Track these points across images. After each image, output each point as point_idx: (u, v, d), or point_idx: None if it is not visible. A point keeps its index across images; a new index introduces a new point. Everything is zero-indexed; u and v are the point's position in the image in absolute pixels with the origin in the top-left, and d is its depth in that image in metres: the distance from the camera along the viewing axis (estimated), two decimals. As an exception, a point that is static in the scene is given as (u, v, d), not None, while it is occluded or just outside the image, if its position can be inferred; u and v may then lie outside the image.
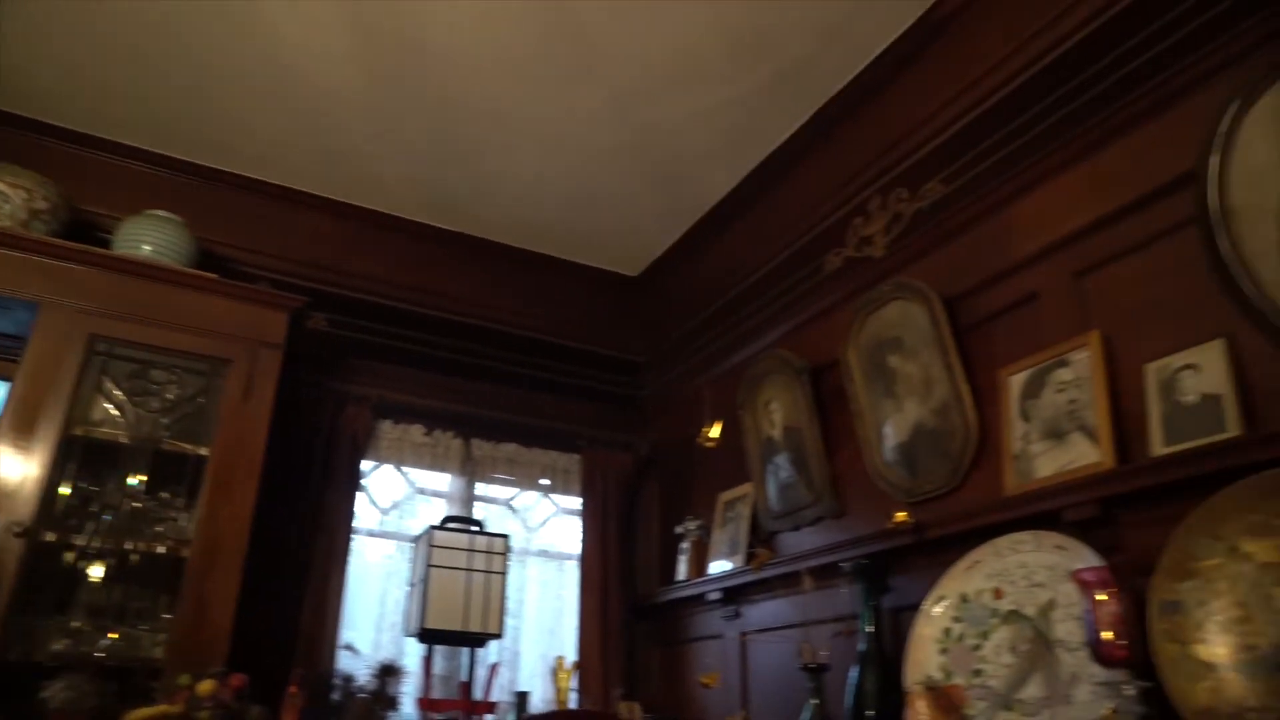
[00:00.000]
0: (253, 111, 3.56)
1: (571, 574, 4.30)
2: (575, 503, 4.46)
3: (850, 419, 3.16)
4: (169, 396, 3.27)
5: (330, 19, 3.06)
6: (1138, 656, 1.83)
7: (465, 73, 3.32)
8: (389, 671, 3.42)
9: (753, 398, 3.67)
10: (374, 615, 3.83)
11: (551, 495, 4.48)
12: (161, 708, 2.41)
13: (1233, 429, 1.99)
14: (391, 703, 3.34)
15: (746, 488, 3.67)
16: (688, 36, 3.12)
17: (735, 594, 3.54)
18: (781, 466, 3.48)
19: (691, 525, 3.89)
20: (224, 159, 3.90)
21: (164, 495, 3.14)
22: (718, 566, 3.72)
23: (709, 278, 4.29)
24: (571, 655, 3.96)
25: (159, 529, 3.09)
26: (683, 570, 3.89)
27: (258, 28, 3.12)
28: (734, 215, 4.05)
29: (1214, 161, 2.11)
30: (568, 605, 4.25)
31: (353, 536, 3.83)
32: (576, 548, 4.34)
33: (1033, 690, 2.15)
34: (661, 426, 4.58)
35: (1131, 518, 2.18)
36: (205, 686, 2.40)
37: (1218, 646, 1.79)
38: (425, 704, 3.35)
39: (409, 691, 3.54)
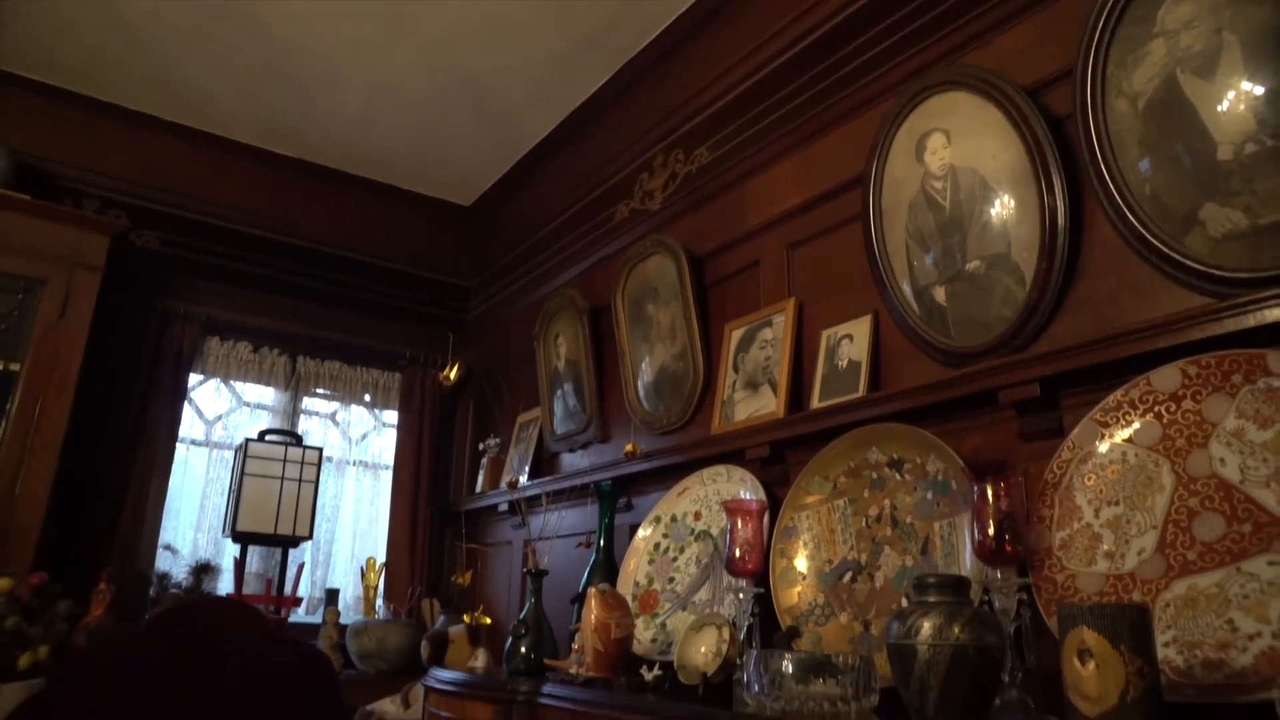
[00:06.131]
0: (78, 25, 3.65)
1: (386, 483, 4.68)
2: (395, 417, 4.80)
3: (617, 357, 3.58)
4: (-20, 313, 3.46)
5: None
6: (761, 570, 2.32)
7: (290, 16, 3.57)
8: (204, 570, 3.78)
9: (545, 331, 4.05)
10: (194, 519, 4.14)
11: (374, 410, 4.82)
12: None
13: (861, 390, 2.47)
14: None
15: (537, 412, 4.08)
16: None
17: (518, 506, 3.98)
18: (568, 394, 3.89)
19: (491, 443, 4.30)
20: (51, 73, 3.98)
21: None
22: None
23: (528, 213, 4.60)
24: (382, 557, 4.37)
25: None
26: (481, 483, 4.32)
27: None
28: (550, 157, 4.39)
29: (874, 167, 2.54)
30: (381, 512, 4.64)
31: (176, 446, 4.10)
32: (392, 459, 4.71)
33: (703, 594, 2.65)
34: (480, 349, 4.94)
35: (796, 457, 2.66)
36: (1, 584, 2.69)
37: (809, 560, 2.30)
38: (234, 599, 3.70)
39: (223, 588, 3.91)
